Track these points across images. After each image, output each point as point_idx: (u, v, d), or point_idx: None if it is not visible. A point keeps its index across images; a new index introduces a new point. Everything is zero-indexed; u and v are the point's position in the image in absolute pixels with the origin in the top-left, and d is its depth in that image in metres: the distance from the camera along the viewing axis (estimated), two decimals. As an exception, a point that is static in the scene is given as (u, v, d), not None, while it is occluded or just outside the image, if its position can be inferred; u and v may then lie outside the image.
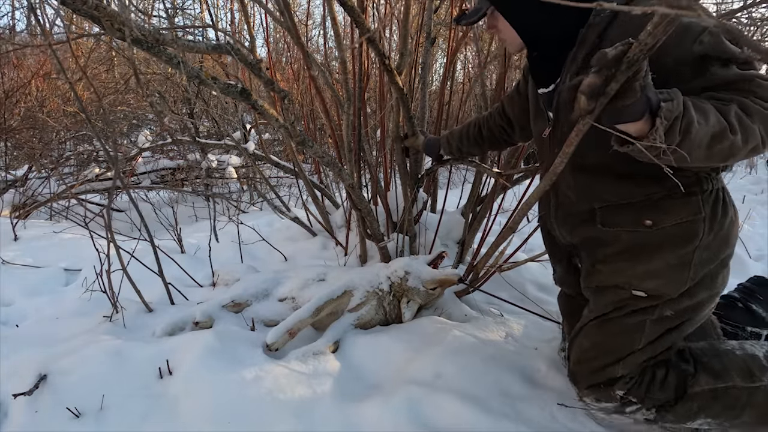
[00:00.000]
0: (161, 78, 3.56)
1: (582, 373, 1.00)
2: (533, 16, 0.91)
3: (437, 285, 1.49)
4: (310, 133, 2.62)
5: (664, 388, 0.93)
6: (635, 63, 0.63)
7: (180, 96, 4.00)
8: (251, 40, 1.68)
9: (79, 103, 1.30)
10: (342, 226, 2.17)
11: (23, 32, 4.84)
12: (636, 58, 0.63)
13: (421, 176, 1.73)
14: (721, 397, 0.91)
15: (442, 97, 1.91)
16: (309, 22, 2.73)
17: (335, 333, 1.38)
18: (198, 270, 1.95)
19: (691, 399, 0.92)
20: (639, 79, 0.64)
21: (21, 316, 1.58)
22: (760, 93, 0.72)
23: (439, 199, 2.33)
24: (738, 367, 0.92)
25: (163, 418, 1.06)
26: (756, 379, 0.90)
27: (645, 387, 0.93)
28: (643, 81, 0.65)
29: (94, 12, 0.84)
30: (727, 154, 0.72)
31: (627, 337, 0.94)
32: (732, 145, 0.71)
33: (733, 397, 0.91)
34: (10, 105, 3.13)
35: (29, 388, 1.07)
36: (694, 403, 0.92)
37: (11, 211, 2.74)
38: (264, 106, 1.19)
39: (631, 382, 0.94)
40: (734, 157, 0.74)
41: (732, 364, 0.92)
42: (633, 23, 0.78)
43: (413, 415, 1.07)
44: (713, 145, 0.70)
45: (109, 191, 1.42)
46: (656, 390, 0.93)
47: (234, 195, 3.81)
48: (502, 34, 0.98)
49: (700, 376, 0.92)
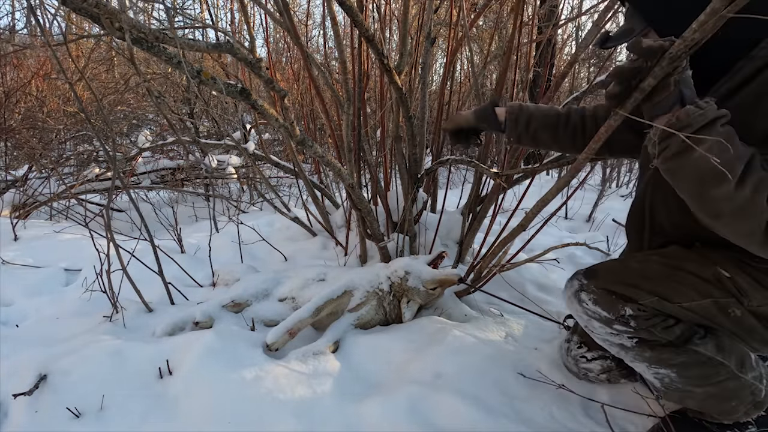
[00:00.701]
0: (161, 78, 3.57)
1: (608, 276, 0.94)
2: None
3: (437, 285, 1.49)
4: (310, 133, 2.62)
5: (668, 331, 0.89)
6: (676, 59, 0.61)
7: (180, 96, 4.00)
8: (251, 40, 1.68)
9: (79, 103, 1.31)
10: (342, 226, 2.17)
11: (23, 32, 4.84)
12: (678, 54, 0.62)
13: (421, 176, 1.73)
14: (706, 366, 0.90)
15: (442, 97, 1.91)
16: (309, 22, 2.74)
17: (335, 333, 1.38)
18: (198, 270, 1.95)
19: (685, 353, 0.90)
20: (675, 74, 0.62)
21: (21, 316, 1.58)
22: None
23: (439, 199, 2.33)
24: (738, 353, 0.92)
25: (163, 418, 1.06)
26: (743, 371, 0.91)
27: (652, 321, 0.89)
28: (679, 76, 0.62)
29: (94, 10, 0.84)
30: (712, 208, 0.69)
31: (682, 290, 0.87)
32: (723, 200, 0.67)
33: (715, 372, 0.90)
34: (10, 105, 3.13)
35: (29, 388, 1.07)
36: (682, 356, 0.90)
37: (11, 211, 2.74)
38: (264, 105, 1.19)
39: (643, 313, 0.89)
40: (719, 219, 0.71)
41: (735, 349, 0.91)
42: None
43: (413, 415, 1.07)
44: (705, 184, 0.67)
45: (109, 191, 1.42)
46: (659, 329, 0.89)
47: (234, 195, 3.81)
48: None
49: (709, 341, 0.89)
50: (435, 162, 1.66)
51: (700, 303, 0.86)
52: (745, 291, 0.84)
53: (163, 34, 0.94)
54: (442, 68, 3.72)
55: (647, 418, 1.07)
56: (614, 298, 0.91)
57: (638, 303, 0.89)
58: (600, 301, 0.93)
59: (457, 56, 2.25)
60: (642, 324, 0.89)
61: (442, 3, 2.00)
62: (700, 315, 0.88)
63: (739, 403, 0.93)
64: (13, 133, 3.12)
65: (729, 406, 0.93)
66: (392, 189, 1.91)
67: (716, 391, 0.91)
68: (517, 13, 1.57)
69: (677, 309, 0.88)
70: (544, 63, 2.87)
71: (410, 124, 1.62)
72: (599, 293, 0.93)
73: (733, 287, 0.85)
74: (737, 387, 0.91)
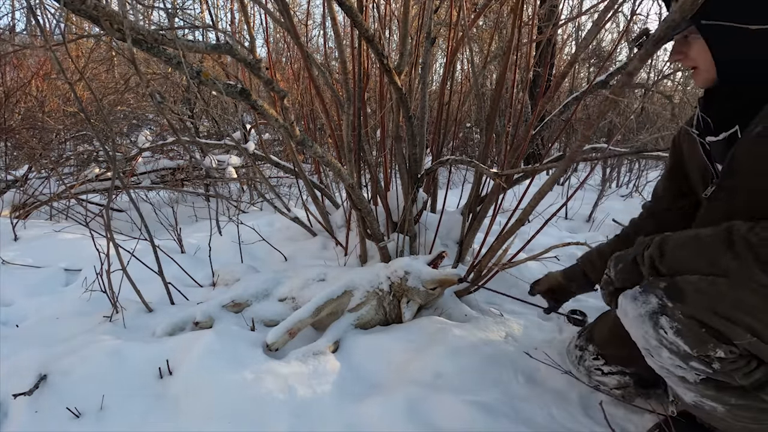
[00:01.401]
0: (161, 78, 3.57)
1: (699, 301, 0.75)
2: (743, 47, 0.79)
3: (437, 285, 1.49)
4: (310, 133, 2.62)
5: (748, 376, 0.76)
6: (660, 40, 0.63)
7: (180, 96, 4.00)
8: (251, 40, 1.68)
9: (78, 103, 1.31)
10: (342, 226, 2.17)
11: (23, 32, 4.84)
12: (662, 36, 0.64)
13: (421, 176, 1.73)
14: (766, 413, 0.78)
15: (442, 97, 1.91)
16: (309, 22, 2.74)
17: (335, 333, 1.38)
18: (198, 270, 1.95)
19: (753, 399, 0.77)
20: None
21: (21, 316, 1.58)
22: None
23: (439, 199, 2.33)
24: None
25: (163, 417, 1.06)
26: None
27: (737, 364, 0.76)
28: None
29: (93, 12, 0.84)
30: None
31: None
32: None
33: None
34: (10, 105, 3.13)
35: (29, 388, 1.07)
36: (749, 401, 0.78)
37: (11, 211, 2.74)
38: (264, 106, 1.19)
39: (733, 356, 0.75)
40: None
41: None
42: None
43: (413, 414, 1.07)
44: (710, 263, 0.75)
45: (109, 191, 1.42)
46: (740, 374, 0.76)
47: (234, 195, 3.81)
48: (693, 61, 0.87)
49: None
50: (435, 162, 1.66)
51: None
52: None
53: (163, 36, 0.94)
54: (442, 68, 3.72)
55: (647, 418, 1.07)
56: (704, 334, 0.75)
57: (733, 344, 0.74)
58: (685, 333, 0.76)
59: (457, 56, 2.25)
60: (726, 367, 0.76)
61: (442, 3, 2.00)
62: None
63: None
64: (13, 133, 3.12)
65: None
66: (392, 189, 1.92)
67: (757, 428, 0.81)
68: (517, 13, 1.57)
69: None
70: (544, 63, 2.87)
71: (410, 124, 1.62)
72: (687, 324, 0.76)
73: None
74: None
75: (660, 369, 0.85)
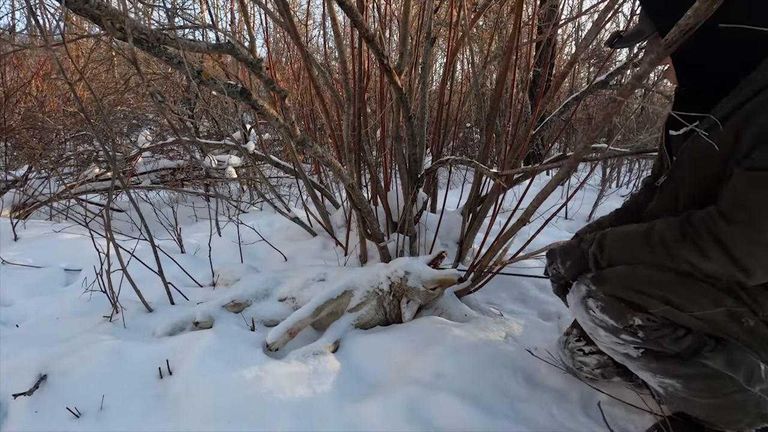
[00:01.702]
0: (161, 78, 3.57)
1: (618, 282, 0.89)
2: (699, 49, 0.84)
3: (437, 285, 1.49)
4: (310, 133, 2.62)
5: (677, 342, 0.86)
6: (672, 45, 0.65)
7: (180, 96, 4.00)
8: (251, 40, 1.68)
9: (79, 103, 1.31)
10: (342, 226, 2.17)
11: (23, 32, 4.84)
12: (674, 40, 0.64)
13: (421, 176, 1.73)
14: (715, 379, 0.87)
15: (442, 97, 1.91)
16: (309, 22, 2.74)
17: (335, 333, 1.38)
18: (198, 270, 1.95)
19: (693, 365, 0.86)
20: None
21: (21, 316, 1.58)
22: None
23: (439, 199, 2.33)
24: (748, 366, 0.88)
25: (164, 417, 1.06)
26: (750, 384, 0.88)
27: (661, 332, 0.86)
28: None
29: (96, 11, 0.84)
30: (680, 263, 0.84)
31: (694, 299, 0.83)
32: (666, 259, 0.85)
33: (722, 386, 0.88)
34: (10, 105, 3.13)
35: (29, 388, 1.07)
36: (689, 369, 0.87)
37: (11, 211, 2.74)
38: (264, 106, 1.19)
39: (652, 323, 0.86)
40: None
41: (746, 361, 0.88)
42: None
43: (413, 415, 1.07)
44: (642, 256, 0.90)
45: (109, 191, 1.42)
46: (667, 340, 0.86)
47: (234, 195, 3.81)
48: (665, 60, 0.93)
49: (718, 355, 0.86)
50: (435, 162, 1.66)
51: (713, 312, 0.83)
52: (758, 301, 0.82)
53: (164, 35, 0.94)
54: (442, 68, 3.72)
55: (647, 418, 1.07)
56: (623, 306, 0.87)
57: (648, 312, 0.85)
58: (608, 309, 0.89)
59: (457, 56, 2.25)
60: (651, 335, 0.86)
61: (442, 3, 2.00)
62: (712, 325, 0.85)
63: (744, 416, 0.90)
64: (13, 133, 3.12)
65: (733, 418, 0.91)
66: (392, 189, 1.92)
67: (721, 403, 0.89)
68: (517, 13, 1.57)
69: (689, 318, 0.85)
70: (544, 63, 2.87)
71: (410, 124, 1.62)
72: (607, 300, 0.89)
73: (746, 296, 0.82)
74: (743, 400, 0.88)
75: (608, 350, 0.95)
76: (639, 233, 0.88)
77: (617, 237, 0.93)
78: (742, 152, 0.76)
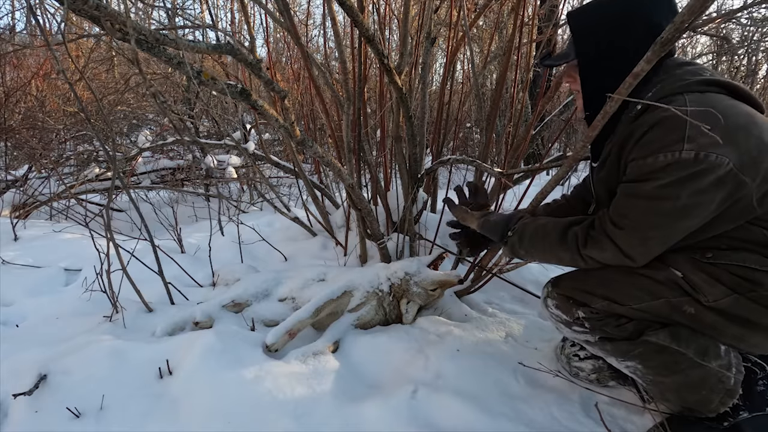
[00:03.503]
0: (161, 78, 3.56)
1: (569, 283, 1.04)
2: (599, 86, 0.94)
3: (437, 286, 1.49)
4: (310, 133, 2.62)
5: (620, 329, 0.96)
6: (668, 42, 0.71)
7: (180, 96, 4.00)
8: (251, 40, 1.68)
9: (79, 103, 1.31)
10: (342, 226, 2.17)
11: (23, 32, 4.84)
12: (670, 38, 0.70)
13: (421, 176, 1.73)
14: (664, 354, 0.93)
15: (442, 97, 1.91)
16: (309, 22, 2.73)
17: (335, 333, 1.38)
18: (198, 270, 1.95)
19: (640, 344, 0.95)
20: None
21: (21, 316, 1.58)
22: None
23: (439, 199, 2.33)
24: (699, 343, 0.93)
25: (163, 417, 1.06)
26: (705, 360, 0.92)
27: (604, 321, 0.97)
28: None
29: (95, 12, 0.84)
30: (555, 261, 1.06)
31: (633, 293, 0.94)
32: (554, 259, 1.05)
33: (674, 360, 0.93)
34: (10, 105, 3.13)
35: (29, 388, 1.07)
36: (639, 347, 0.95)
37: (11, 211, 2.74)
38: (264, 106, 1.19)
39: (594, 315, 0.98)
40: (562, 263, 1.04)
41: (696, 339, 0.93)
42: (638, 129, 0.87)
43: (413, 415, 1.07)
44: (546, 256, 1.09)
45: (109, 191, 1.42)
46: (611, 327, 0.97)
47: (234, 195, 3.81)
48: (575, 86, 1.04)
49: (662, 332, 0.93)
50: (436, 162, 1.66)
51: (652, 304, 0.92)
52: (700, 288, 0.88)
53: (163, 36, 0.94)
54: (442, 68, 3.72)
55: (647, 418, 1.07)
56: (570, 303, 1.01)
57: (590, 306, 0.98)
58: (560, 305, 1.04)
59: (457, 56, 2.25)
60: (595, 324, 0.98)
61: (442, 3, 2.00)
62: (653, 314, 0.94)
63: (710, 392, 0.94)
64: (13, 133, 3.12)
65: (701, 396, 0.95)
66: (392, 189, 1.91)
67: (682, 380, 0.94)
68: (517, 13, 1.57)
69: (628, 310, 0.95)
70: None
71: (410, 124, 1.62)
72: (559, 299, 1.04)
73: (687, 286, 0.90)
74: (703, 375, 0.93)
75: (574, 339, 1.08)
76: (556, 231, 1.01)
77: (534, 229, 1.06)
78: (623, 175, 0.91)
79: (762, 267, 0.85)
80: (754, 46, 4.28)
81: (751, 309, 0.86)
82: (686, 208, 0.82)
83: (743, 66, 4.63)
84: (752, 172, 0.79)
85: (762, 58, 4.70)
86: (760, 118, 0.85)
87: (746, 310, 0.86)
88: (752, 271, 0.85)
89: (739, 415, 0.95)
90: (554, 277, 1.09)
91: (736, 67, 4.60)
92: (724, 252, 0.88)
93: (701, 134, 0.75)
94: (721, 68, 4.74)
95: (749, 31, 4.14)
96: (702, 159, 0.77)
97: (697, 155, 0.77)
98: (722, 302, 0.87)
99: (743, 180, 0.79)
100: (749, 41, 4.19)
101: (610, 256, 0.92)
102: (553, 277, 1.09)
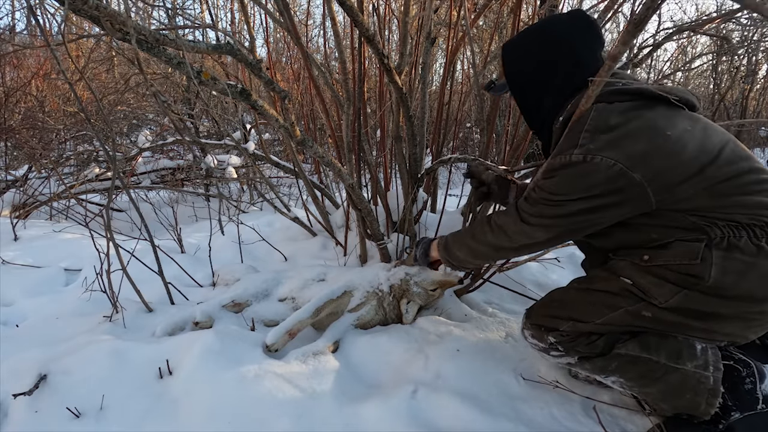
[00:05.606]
0: (161, 78, 3.56)
1: (537, 311, 1.10)
2: (529, 106, 1.12)
3: (437, 286, 1.49)
4: (310, 133, 2.62)
5: (591, 346, 1.01)
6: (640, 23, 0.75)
7: (180, 96, 4.00)
8: (251, 40, 1.68)
9: (79, 103, 1.31)
10: (342, 226, 2.17)
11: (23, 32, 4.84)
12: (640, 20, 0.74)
13: (421, 176, 1.73)
14: (639, 365, 0.96)
15: (442, 97, 1.91)
16: (309, 22, 2.73)
17: (335, 333, 1.38)
18: (198, 270, 1.95)
19: (613, 358, 0.99)
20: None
21: (21, 316, 1.58)
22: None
23: (439, 199, 2.33)
24: (670, 347, 0.95)
25: (163, 417, 1.06)
26: (680, 362, 0.94)
27: (576, 342, 1.02)
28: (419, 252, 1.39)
29: (95, 12, 0.84)
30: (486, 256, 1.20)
31: (593, 310, 0.99)
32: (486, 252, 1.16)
33: (649, 369, 0.95)
34: (10, 105, 3.13)
35: (29, 388, 1.07)
36: (613, 361, 0.99)
37: (11, 211, 2.74)
38: (264, 106, 1.19)
39: (565, 337, 1.02)
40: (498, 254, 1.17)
41: (667, 343, 0.95)
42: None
43: (413, 415, 1.07)
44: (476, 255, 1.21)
45: (109, 191, 1.42)
46: (582, 345, 1.01)
47: (234, 195, 3.81)
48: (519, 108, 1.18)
49: (630, 343, 0.97)
50: (436, 161, 1.66)
51: (612, 316, 0.97)
52: (649, 291, 0.92)
53: (163, 36, 0.94)
54: (442, 68, 3.71)
55: (647, 418, 1.07)
56: (542, 330, 1.06)
57: (558, 330, 1.03)
58: (534, 335, 1.08)
59: (457, 56, 2.25)
60: (568, 346, 1.03)
61: (442, 3, 2.00)
62: (618, 326, 0.98)
63: (694, 394, 0.95)
64: (13, 133, 3.12)
65: (687, 400, 0.96)
66: (392, 189, 1.91)
67: (664, 387, 0.96)
68: (517, 13, 1.57)
69: (593, 326, 0.99)
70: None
71: (410, 124, 1.62)
72: (533, 328, 1.08)
73: (639, 291, 0.94)
74: (681, 379, 0.94)
75: (559, 364, 1.14)
76: (481, 221, 1.15)
77: (458, 236, 1.23)
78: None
79: (692, 261, 0.88)
80: (754, 46, 4.28)
81: (704, 301, 0.88)
82: (581, 200, 0.92)
83: (743, 66, 4.63)
84: (642, 170, 0.87)
85: (762, 58, 4.71)
86: (663, 121, 0.90)
87: (699, 303, 0.88)
88: (688, 266, 0.88)
89: (730, 416, 0.95)
90: (527, 308, 1.14)
91: (736, 67, 4.60)
92: (657, 251, 0.92)
93: (591, 141, 0.89)
94: (721, 68, 4.74)
95: (749, 30, 4.14)
96: (588, 161, 0.89)
97: (585, 158, 0.89)
98: (673, 300, 0.90)
99: (633, 177, 0.87)
100: (749, 41, 4.19)
101: (511, 221, 1.05)
102: (527, 308, 1.14)
